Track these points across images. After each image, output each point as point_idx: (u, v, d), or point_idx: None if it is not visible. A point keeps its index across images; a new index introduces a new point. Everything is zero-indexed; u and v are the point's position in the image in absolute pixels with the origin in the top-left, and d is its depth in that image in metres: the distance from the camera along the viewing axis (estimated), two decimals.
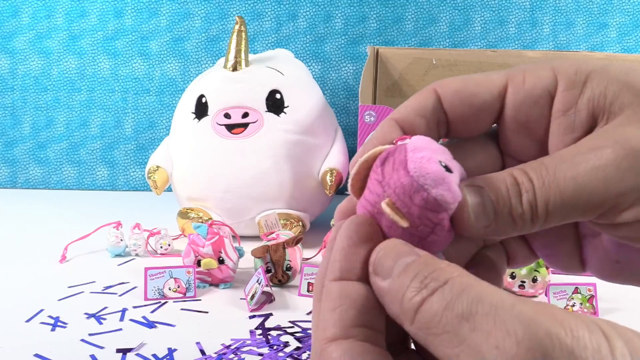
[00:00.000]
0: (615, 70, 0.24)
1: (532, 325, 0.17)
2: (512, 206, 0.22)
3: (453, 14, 1.21)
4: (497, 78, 0.25)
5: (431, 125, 0.25)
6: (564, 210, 0.22)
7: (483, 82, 0.25)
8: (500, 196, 0.22)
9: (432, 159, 0.22)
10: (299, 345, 0.57)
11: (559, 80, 0.24)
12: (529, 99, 0.25)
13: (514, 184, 0.22)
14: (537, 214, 0.22)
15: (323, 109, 0.97)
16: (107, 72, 1.26)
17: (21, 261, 0.81)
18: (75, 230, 0.89)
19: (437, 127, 0.26)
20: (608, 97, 0.23)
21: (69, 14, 1.24)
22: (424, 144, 0.23)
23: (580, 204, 0.22)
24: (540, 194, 0.22)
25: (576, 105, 0.24)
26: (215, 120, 0.92)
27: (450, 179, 0.22)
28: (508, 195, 0.22)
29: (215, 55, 1.24)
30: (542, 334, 0.17)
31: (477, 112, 0.25)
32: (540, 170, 0.22)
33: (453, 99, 0.25)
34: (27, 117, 1.27)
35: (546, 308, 0.18)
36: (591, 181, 0.21)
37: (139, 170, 1.28)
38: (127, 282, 0.73)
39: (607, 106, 0.23)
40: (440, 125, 0.26)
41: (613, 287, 0.74)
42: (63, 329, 0.60)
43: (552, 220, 0.22)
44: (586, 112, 0.24)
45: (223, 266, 0.71)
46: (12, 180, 1.28)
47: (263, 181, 0.89)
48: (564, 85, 0.24)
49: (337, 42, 1.22)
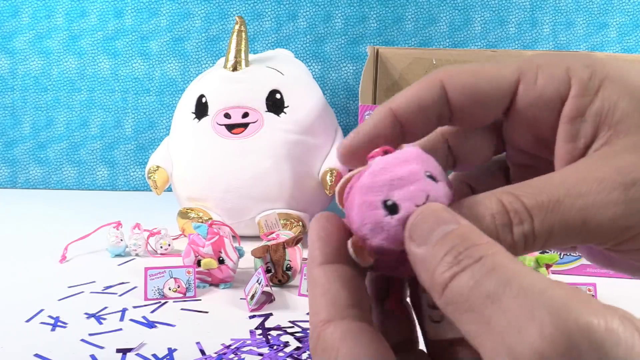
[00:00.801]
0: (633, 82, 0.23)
1: (562, 312, 0.16)
2: (499, 239, 0.21)
3: (453, 14, 1.21)
4: (509, 73, 0.24)
5: (431, 119, 0.24)
6: (567, 240, 0.21)
7: (494, 77, 0.24)
8: (485, 228, 0.21)
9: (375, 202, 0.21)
10: (299, 345, 0.57)
11: (572, 83, 0.23)
12: (540, 101, 0.24)
13: (502, 212, 0.21)
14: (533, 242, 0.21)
15: (323, 109, 0.97)
16: (107, 72, 1.26)
17: (21, 261, 0.81)
18: (75, 230, 0.89)
19: (437, 120, 0.25)
20: (616, 114, 0.22)
21: (69, 14, 1.24)
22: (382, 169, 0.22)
23: (584, 234, 0.21)
24: (543, 224, 0.21)
25: (584, 116, 0.23)
26: (215, 120, 0.92)
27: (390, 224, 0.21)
28: (494, 226, 0.21)
29: (215, 55, 1.24)
30: (571, 323, 0.16)
31: (485, 109, 0.24)
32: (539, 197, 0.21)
33: (461, 95, 0.24)
34: (27, 117, 1.27)
35: (581, 295, 0.17)
36: (599, 216, 0.21)
37: (139, 170, 1.28)
38: (127, 282, 0.73)
39: (613, 123, 0.22)
40: (441, 118, 0.25)
41: (613, 287, 0.74)
42: (63, 329, 0.60)
43: (549, 246, 0.22)
44: (592, 125, 0.23)
45: (223, 266, 0.71)
46: (12, 180, 1.28)
47: (263, 181, 0.89)
48: (576, 90, 0.23)
49: (337, 42, 1.22)
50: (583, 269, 0.77)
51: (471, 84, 0.24)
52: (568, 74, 0.23)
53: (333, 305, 0.21)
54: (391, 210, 0.21)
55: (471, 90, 0.24)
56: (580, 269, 0.78)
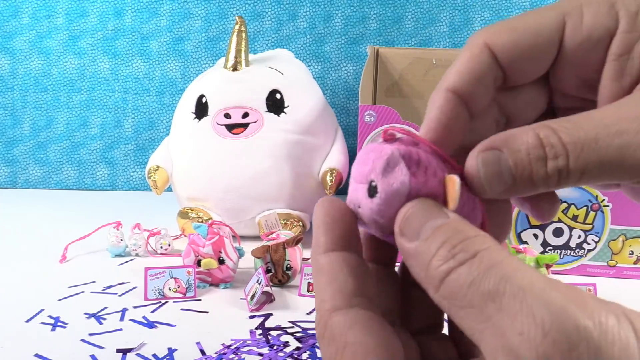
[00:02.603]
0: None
1: (562, 314, 0.16)
2: (532, 171, 0.21)
3: (453, 14, 1.21)
4: (552, 19, 0.23)
5: (489, 86, 0.24)
6: (602, 177, 0.21)
7: (538, 27, 0.23)
8: (519, 161, 0.21)
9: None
10: (299, 345, 0.57)
11: (620, 18, 0.22)
12: (588, 42, 0.23)
13: (538, 146, 0.21)
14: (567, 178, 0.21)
15: (323, 109, 0.97)
16: (107, 72, 1.26)
17: (21, 261, 0.81)
18: (75, 230, 0.89)
19: (494, 84, 0.24)
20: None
21: (69, 14, 1.24)
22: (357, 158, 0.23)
23: (620, 172, 0.21)
24: (578, 160, 0.20)
25: (631, 52, 0.22)
26: (216, 120, 0.92)
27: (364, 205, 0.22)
28: (529, 159, 0.21)
29: (215, 55, 1.24)
30: (570, 326, 0.16)
31: (536, 61, 0.24)
32: (577, 133, 0.20)
33: (510, 54, 0.23)
34: (27, 117, 1.27)
35: (578, 295, 0.17)
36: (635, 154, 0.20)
37: (139, 170, 1.28)
38: (127, 282, 0.73)
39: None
40: (497, 80, 0.24)
41: (613, 287, 0.74)
42: (63, 329, 0.60)
43: (583, 183, 0.21)
44: (639, 61, 0.22)
45: (223, 266, 0.71)
46: (12, 180, 1.28)
47: (263, 181, 0.89)
48: (624, 26, 0.22)
49: (337, 42, 1.22)
50: (583, 269, 0.78)
51: (515, 40, 0.23)
52: (615, 8, 0.22)
53: (340, 293, 0.21)
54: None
55: (516, 47, 0.23)
56: (580, 269, 0.78)
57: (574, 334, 0.16)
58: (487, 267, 0.18)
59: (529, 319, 0.16)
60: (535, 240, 0.77)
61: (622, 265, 0.76)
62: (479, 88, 0.23)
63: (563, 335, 0.16)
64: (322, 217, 0.22)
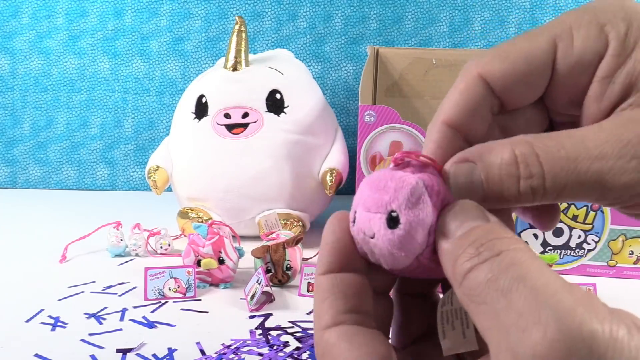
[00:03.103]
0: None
1: (567, 317, 0.16)
2: (503, 188, 0.21)
3: (453, 14, 1.21)
4: (543, 44, 0.23)
5: (486, 116, 0.24)
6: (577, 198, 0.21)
7: (530, 54, 0.23)
8: (491, 176, 0.21)
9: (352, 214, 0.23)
10: (299, 345, 0.57)
11: (610, 41, 0.22)
12: (579, 66, 0.23)
13: (511, 163, 0.21)
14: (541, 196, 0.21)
15: (323, 109, 0.97)
16: (107, 72, 1.26)
17: (21, 261, 0.81)
18: (75, 230, 0.89)
19: (490, 113, 0.24)
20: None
21: (69, 14, 1.24)
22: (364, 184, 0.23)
23: (596, 195, 0.21)
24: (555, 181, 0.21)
25: (614, 75, 0.22)
26: (215, 120, 0.92)
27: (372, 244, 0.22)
28: (500, 176, 0.21)
29: (215, 55, 1.24)
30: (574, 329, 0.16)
31: (530, 87, 0.24)
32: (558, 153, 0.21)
33: (504, 83, 0.23)
34: (27, 117, 1.27)
35: (591, 300, 0.17)
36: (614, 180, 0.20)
37: (139, 170, 1.28)
38: (127, 282, 0.73)
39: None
40: (492, 108, 0.24)
41: (613, 287, 0.74)
42: (63, 329, 0.60)
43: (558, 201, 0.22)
44: (620, 85, 0.22)
45: (223, 266, 0.71)
46: (12, 180, 1.28)
47: (263, 181, 0.89)
48: (613, 49, 0.22)
49: (337, 42, 1.22)
50: (583, 269, 0.78)
51: (508, 69, 0.23)
52: (604, 31, 0.23)
53: (331, 312, 0.22)
54: None
55: (510, 76, 0.23)
56: (580, 269, 0.78)
57: (577, 338, 0.16)
58: (506, 266, 0.18)
59: (533, 319, 0.16)
60: (535, 240, 0.77)
61: (622, 265, 0.76)
62: (474, 119, 0.24)
63: (565, 337, 0.16)
64: (327, 235, 0.24)
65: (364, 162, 0.81)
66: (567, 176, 0.20)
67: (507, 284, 0.18)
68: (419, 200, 0.21)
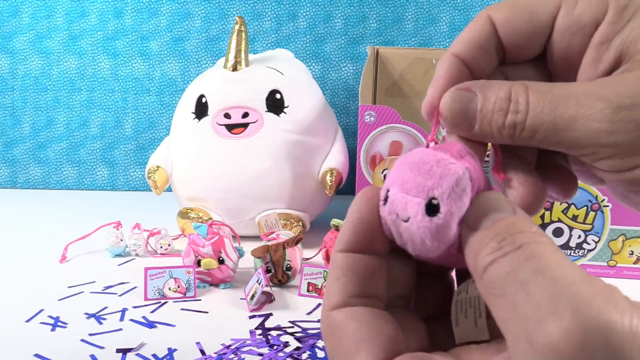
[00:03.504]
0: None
1: (584, 307, 0.16)
2: (492, 120, 0.23)
3: (453, 14, 1.21)
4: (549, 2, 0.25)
5: (490, 54, 0.26)
6: (550, 140, 0.22)
7: (535, 6, 0.25)
8: (485, 107, 0.23)
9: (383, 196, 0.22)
10: (299, 345, 0.57)
11: (609, 9, 0.24)
12: (575, 26, 0.24)
13: (505, 98, 0.23)
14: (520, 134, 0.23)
15: (323, 109, 0.97)
16: (107, 72, 1.26)
17: (21, 261, 0.81)
18: (75, 230, 0.89)
19: (496, 54, 0.26)
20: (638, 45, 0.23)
21: (69, 14, 1.24)
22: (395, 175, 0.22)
23: (566, 140, 0.22)
24: (534, 119, 0.22)
25: (610, 42, 0.24)
26: (215, 120, 0.92)
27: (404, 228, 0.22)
28: (493, 108, 0.23)
29: (215, 55, 1.24)
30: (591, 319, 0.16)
31: (530, 38, 0.25)
32: (544, 96, 0.22)
33: (508, 27, 0.25)
34: (27, 117, 1.27)
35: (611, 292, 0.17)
36: (584, 126, 0.22)
37: (139, 170, 1.28)
38: (127, 282, 0.73)
39: (634, 52, 0.23)
40: (497, 51, 0.26)
41: None
42: (63, 329, 0.60)
43: (533, 143, 0.23)
44: (614, 52, 0.24)
45: (223, 266, 0.71)
46: (12, 180, 1.28)
47: (263, 181, 0.89)
48: (610, 17, 0.24)
49: (337, 42, 1.22)
50: (583, 269, 0.77)
51: (513, 15, 0.25)
52: (607, 1, 0.24)
53: (341, 292, 0.22)
54: None
55: (513, 22, 0.25)
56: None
57: (593, 329, 0.16)
58: (525, 259, 0.18)
59: (551, 309, 0.16)
60: None
61: (622, 265, 0.76)
62: (480, 53, 0.25)
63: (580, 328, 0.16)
64: (352, 213, 0.24)
65: (364, 162, 0.81)
66: (545, 116, 0.22)
67: (526, 276, 0.18)
68: (462, 191, 0.21)
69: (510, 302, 0.18)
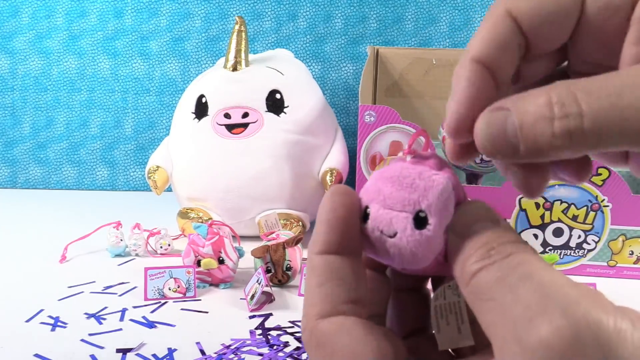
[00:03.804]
0: None
1: (573, 307, 0.16)
2: (537, 134, 0.19)
3: (453, 14, 1.21)
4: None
5: (514, 54, 0.23)
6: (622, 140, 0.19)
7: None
8: (525, 121, 0.19)
9: None
10: (299, 345, 0.57)
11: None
12: (610, 5, 0.22)
13: (546, 104, 0.19)
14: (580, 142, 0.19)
15: (323, 109, 0.97)
16: (107, 72, 1.26)
17: (21, 261, 0.81)
18: (75, 230, 0.89)
19: (519, 52, 0.23)
20: None
21: (69, 14, 1.24)
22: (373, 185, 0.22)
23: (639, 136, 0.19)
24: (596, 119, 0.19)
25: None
26: (215, 120, 0.92)
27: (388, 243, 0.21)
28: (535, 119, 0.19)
29: (215, 55, 1.24)
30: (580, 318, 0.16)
31: (558, 27, 0.23)
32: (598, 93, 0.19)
33: (533, 20, 0.22)
34: (27, 117, 1.27)
35: (596, 295, 0.17)
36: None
37: (139, 170, 1.28)
38: (127, 282, 0.73)
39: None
40: (520, 48, 0.23)
41: (613, 287, 0.74)
42: (63, 329, 0.60)
43: (600, 147, 0.19)
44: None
45: (223, 266, 0.71)
46: (12, 180, 1.28)
47: (263, 181, 0.89)
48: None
49: (337, 42, 1.22)
50: (583, 269, 0.78)
51: (537, 4, 0.22)
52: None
53: (329, 299, 0.21)
54: None
55: (539, 12, 0.22)
56: (580, 269, 0.78)
57: (583, 326, 0.16)
58: (515, 265, 0.18)
59: (540, 309, 0.17)
60: (535, 240, 0.77)
61: (622, 265, 0.76)
62: (504, 56, 0.22)
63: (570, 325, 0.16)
64: (327, 212, 0.22)
65: (364, 162, 0.81)
66: (608, 113, 0.19)
67: (514, 281, 0.18)
68: (447, 200, 0.21)
69: (499, 306, 0.18)
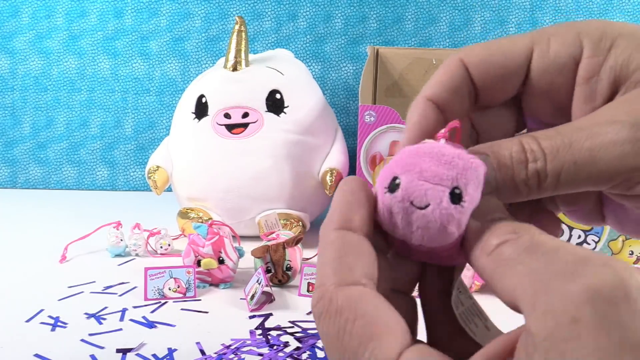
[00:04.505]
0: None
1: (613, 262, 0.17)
2: (514, 173, 0.22)
3: (453, 14, 1.21)
4: (522, 44, 0.25)
5: (464, 99, 0.25)
6: (577, 180, 0.22)
7: (508, 49, 0.25)
8: (502, 163, 0.22)
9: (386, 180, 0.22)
10: (299, 345, 0.57)
11: (585, 45, 0.24)
12: (554, 66, 0.24)
13: (520, 151, 0.22)
14: (545, 181, 0.22)
15: (323, 109, 0.97)
16: (107, 72, 1.26)
17: (21, 261, 0.81)
18: (75, 230, 0.89)
19: (469, 98, 0.26)
20: (631, 66, 0.23)
21: (69, 14, 1.24)
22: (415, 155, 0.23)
23: (593, 175, 0.22)
24: (553, 162, 0.22)
25: (599, 74, 0.24)
26: (215, 120, 0.92)
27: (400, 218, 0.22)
28: (511, 162, 0.22)
29: (215, 55, 1.24)
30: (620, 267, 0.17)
31: (504, 80, 0.25)
32: (555, 139, 0.22)
33: (481, 70, 0.25)
34: (27, 117, 1.27)
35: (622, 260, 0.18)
36: (607, 154, 0.21)
37: (139, 170, 1.28)
38: (127, 282, 0.73)
39: (629, 74, 0.23)
40: (470, 95, 0.26)
41: None
42: (63, 329, 0.60)
43: (561, 188, 0.22)
44: (607, 81, 0.23)
45: (223, 266, 0.71)
46: (12, 180, 1.28)
47: (263, 181, 0.89)
48: (589, 52, 0.24)
49: (337, 42, 1.22)
50: None
51: (486, 58, 0.25)
52: (579, 38, 0.24)
53: (349, 269, 0.21)
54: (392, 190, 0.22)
55: (487, 65, 0.25)
56: None
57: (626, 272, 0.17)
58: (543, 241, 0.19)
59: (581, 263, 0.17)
60: None
61: None
62: (454, 98, 0.25)
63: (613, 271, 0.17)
64: (346, 194, 0.22)
65: (364, 162, 0.81)
66: (563, 157, 0.21)
67: (546, 249, 0.18)
68: (480, 185, 0.22)
69: (529, 269, 0.18)
